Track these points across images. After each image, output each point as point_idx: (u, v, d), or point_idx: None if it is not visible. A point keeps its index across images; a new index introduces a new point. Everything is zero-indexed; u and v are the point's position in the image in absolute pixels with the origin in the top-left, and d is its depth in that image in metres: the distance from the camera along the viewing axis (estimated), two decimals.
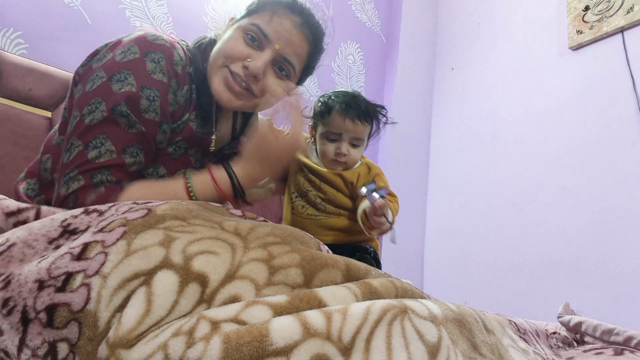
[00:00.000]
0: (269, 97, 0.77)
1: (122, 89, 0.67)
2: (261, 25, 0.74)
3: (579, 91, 1.59)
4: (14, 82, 1.18)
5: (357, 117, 0.95)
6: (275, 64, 0.77)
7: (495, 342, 0.50)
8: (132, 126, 0.68)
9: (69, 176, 0.65)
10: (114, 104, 0.66)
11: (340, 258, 0.45)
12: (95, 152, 0.65)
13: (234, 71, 0.73)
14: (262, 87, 0.76)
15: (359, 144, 0.98)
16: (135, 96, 0.67)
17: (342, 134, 0.96)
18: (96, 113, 0.66)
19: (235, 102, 0.75)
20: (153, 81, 0.69)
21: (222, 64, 0.74)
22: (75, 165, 0.65)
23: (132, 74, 0.68)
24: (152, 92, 0.69)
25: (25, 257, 0.41)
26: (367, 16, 2.25)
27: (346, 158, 0.97)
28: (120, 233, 0.39)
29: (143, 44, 0.70)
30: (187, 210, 0.45)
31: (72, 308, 0.35)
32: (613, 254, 1.35)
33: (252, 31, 0.74)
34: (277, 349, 0.31)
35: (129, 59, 0.69)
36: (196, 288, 0.37)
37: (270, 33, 0.74)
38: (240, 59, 0.73)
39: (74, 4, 1.41)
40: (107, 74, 0.68)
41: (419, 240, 2.08)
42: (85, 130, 0.66)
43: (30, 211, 0.49)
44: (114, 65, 0.69)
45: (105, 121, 0.66)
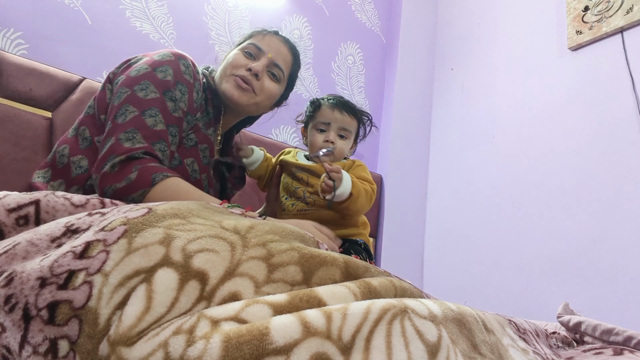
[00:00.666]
0: (266, 96, 0.98)
1: (166, 77, 0.82)
2: (255, 42, 0.97)
3: (578, 91, 1.59)
4: (15, 83, 1.18)
5: (344, 108, 1.05)
6: (269, 70, 0.98)
7: (495, 342, 0.50)
8: (175, 110, 0.82)
9: (132, 134, 0.74)
10: (165, 89, 0.80)
11: (339, 256, 0.45)
12: (151, 120, 0.77)
13: (238, 74, 0.93)
14: (261, 87, 0.96)
15: (346, 136, 1.06)
16: (173, 87, 0.82)
17: (331, 124, 1.04)
18: (148, 91, 0.79)
19: (242, 97, 0.94)
20: (184, 79, 0.85)
21: (229, 73, 0.94)
22: (136, 127, 0.75)
23: (172, 69, 0.83)
24: (183, 88, 0.85)
25: (28, 255, 0.41)
26: (367, 16, 2.26)
27: (333, 147, 1.02)
28: (121, 232, 0.40)
29: (174, 53, 0.87)
30: (187, 209, 0.45)
31: (73, 305, 0.35)
32: (613, 254, 1.35)
33: (249, 48, 0.97)
34: (277, 348, 0.31)
35: (166, 59, 0.84)
36: (196, 285, 0.37)
37: (264, 46, 0.97)
38: (243, 67, 0.94)
39: (74, 4, 1.41)
40: (151, 66, 0.82)
41: (419, 240, 2.08)
42: (139, 100, 0.77)
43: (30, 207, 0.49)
44: (154, 61, 0.83)
45: (158, 100, 0.79)
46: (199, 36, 1.66)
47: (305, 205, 1.01)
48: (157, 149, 0.76)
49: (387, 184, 2.02)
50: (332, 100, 1.06)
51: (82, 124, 0.85)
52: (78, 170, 0.80)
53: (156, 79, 0.80)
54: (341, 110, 1.04)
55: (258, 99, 0.96)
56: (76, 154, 0.81)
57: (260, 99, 0.97)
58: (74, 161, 0.81)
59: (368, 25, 2.25)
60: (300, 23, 1.99)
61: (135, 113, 0.76)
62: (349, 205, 0.94)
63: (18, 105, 1.18)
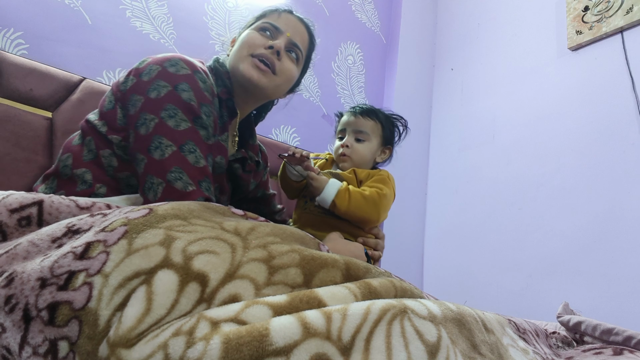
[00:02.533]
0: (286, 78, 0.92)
1: (190, 100, 0.74)
2: (272, 22, 0.91)
3: (578, 91, 1.59)
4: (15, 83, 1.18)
5: (358, 112, 1.05)
6: (288, 50, 0.92)
7: (495, 342, 0.50)
8: (208, 138, 0.76)
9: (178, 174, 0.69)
10: (194, 116, 0.74)
11: (339, 257, 0.45)
12: (192, 156, 0.71)
13: (257, 53, 0.87)
14: (280, 67, 0.90)
15: (364, 139, 1.05)
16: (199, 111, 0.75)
17: (346, 129, 1.06)
18: (177, 119, 0.72)
19: (262, 79, 0.88)
20: (206, 99, 0.78)
21: (246, 53, 0.87)
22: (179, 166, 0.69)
23: (191, 88, 0.75)
24: (207, 109, 0.77)
25: (29, 255, 0.41)
26: (367, 17, 2.26)
27: (349, 150, 1.03)
28: (121, 232, 0.39)
29: (187, 63, 0.78)
30: (188, 210, 0.45)
31: (73, 306, 0.35)
32: (613, 254, 1.35)
33: (266, 27, 0.90)
34: (277, 349, 0.31)
35: (182, 74, 0.75)
36: (196, 287, 0.37)
37: (281, 25, 0.91)
38: (261, 46, 0.88)
39: (74, 4, 1.41)
40: (171, 84, 0.73)
41: (419, 240, 2.08)
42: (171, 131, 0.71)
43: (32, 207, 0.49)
44: (171, 76, 0.74)
45: (191, 131, 0.72)
46: (199, 36, 1.66)
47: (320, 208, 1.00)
48: (204, 188, 0.71)
49: None
50: (352, 108, 1.08)
51: (88, 134, 0.79)
52: (83, 186, 0.75)
53: (181, 102, 0.73)
54: (356, 114, 1.05)
55: (278, 81, 0.91)
56: (80, 166, 0.76)
57: (281, 81, 0.91)
58: (78, 174, 0.76)
59: (368, 25, 2.25)
60: None
61: (173, 149, 0.70)
62: (340, 212, 0.93)
63: (18, 105, 1.18)
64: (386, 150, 1.11)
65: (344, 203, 0.93)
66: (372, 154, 1.07)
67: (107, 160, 0.76)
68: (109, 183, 0.76)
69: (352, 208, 0.93)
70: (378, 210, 0.97)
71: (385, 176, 1.04)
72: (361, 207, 0.94)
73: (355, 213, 0.94)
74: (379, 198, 0.96)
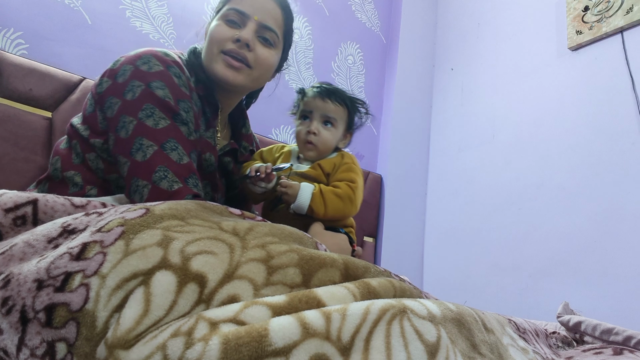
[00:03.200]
0: (263, 68, 0.86)
1: (166, 97, 0.72)
2: (236, 7, 0.82)
3: (578, 91, 1.59)
4: (14, 83, 1.18)
5: (327, 94, 0.98)
6: (259, 35, 0.84)
7: (495, 341, 0.50)
8: (190, 134, 0.74)
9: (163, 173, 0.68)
10: (173, 113, 0.72)
11: (338, 257, 0.45)
12: (175, 154, 0.70)
13: (227, 49, 0.81)
14: (255, 58, 0.83)
15: (331, 124, 0.99)
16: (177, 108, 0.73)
17: (313, 112, 0.98)
18: (156, 118, 0.70)
19: (237, 77, 0.83)
20: (182, 94, 0.75)
21: (216, 50, 0.82)
22: (163, 164, 0.68)
23: (166, 85, 0.73)
24: (185, 105, 0.75)
25: (25, 256, 0.41)
26: (367, 17, 2.26)
27: (317, 138, 0.97)
28: (118, 233, 0.39)
29: (159, 59, 0.75)
30: (185, 209, 0.45)
31: (70, 308, 0.35)
32: (613, 254, 1.35)
33: (230, 15, 0.82)
34: (276, 349, 0.31)
35: (155, 71, 0.73)
36: (194, 288, 0.37)
37: (247, 9, 0.82)
38: (229, 39, 0.81)
39: (74, 4, 1.41)
40: (144, 83, 0.72)
41: (419, 240, 2.08)
42: (152, 131, 0.69)
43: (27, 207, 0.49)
44: (144, 74, 0.73)
45: (171, 128, 0.71)
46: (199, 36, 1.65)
47: None
48: (191, 184, 0.70)
49: (387, 184, 2.02)
50: (317, 88, 1.00)
51: (73, 137, 0.78)
52: (74, 188, 0.75)
53: (157, 100, 0.71)
54: (324, 97, 0.97)
55: (255, 74, 0.85)
56: (69, 168, 0.76)
57: (258, 73, 0.86)
58: (68, 177, 0.75)
59: (368, 25, 2.25)
60: (300, 23, 1.99)
61: (155, 148, 0.69)
62: (318, 216, 0.91)
63: (18, 105, 1.18)
64: (347, 136, 1.05)
65: (321, 208, 0.90)
66: (337, 140, 1.02)
67: (94, 163, 0.76)
68: (100, 185, 0.76)
69: (329, 211, 0.91)
70: (355, 204, 0.95)
71: (351, 162, 1.00)
72: (338, 207, 0.92)
73: (333, 215, 0.92)
74: (353, 192, 0.94)
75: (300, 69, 1.96)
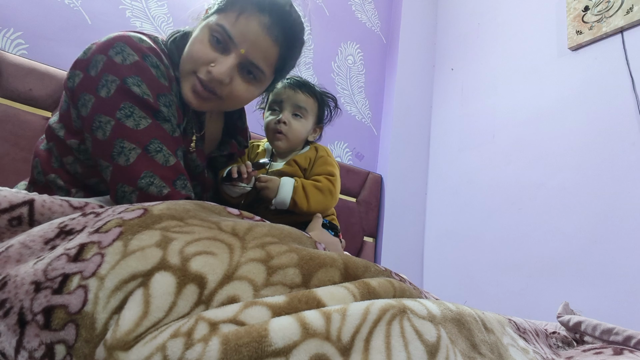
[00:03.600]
0: (236, 102, 0.77)
1: (144, 94, 0.66)
2: (226, 27, 0.70)
3: (578, 91, 1.59)
4: (14, 83, 1.18)
5: (297, 85, 0.97)
6: (242, 68, 0.73)
7: (495, 341, 0.50)
8: (173, 131, 0.69)
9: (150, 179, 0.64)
10: (153, 110, 0.67)
11: (338, 256, 0.45)
12: (160, 155, 0.66)
13: (200, 77, 0.72)
14: (229, 91, 0.74)
15: (302, 115, 0.98)
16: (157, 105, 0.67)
17: (283, 102, 0.97)
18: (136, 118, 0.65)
19: (203, 105, 0.75)
20: (162, 87, 0.69)
21: (190, 69, 0.73)
22: (149, 169, 0.64)
23: (143, 80, 0.67)
24: (166, 99, 0.69)
25: (22, 258, 0.40)
26: (367, 17, 2.25)
27: (287, 128, 0.96)
28: (116, 234, 0.39)
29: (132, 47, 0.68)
30: (184, 210, 0.45)
31: (69, 310, 0.35)
32: (613, 254, 1.35)
33: (218, 32, 0.71)
34: (276, 350, 0.31)
35: (130, 61, 0.66)
36: (194, 289, 0.36)
37: (236, 36, 0.70)
38: (205, 64, 0.71)
39: (74, 4, 1.41)
40: (119, 78, 0.65)
41: (419, 240, 2.08)
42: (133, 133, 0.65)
43: (23, 207, 0.48)
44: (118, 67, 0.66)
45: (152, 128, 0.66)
46: None
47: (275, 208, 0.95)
48: (179, 187, 0.66)
49: (387, 184, 2.02)
50: (286, 79, 0.99)
51: (50, 139, 0.73)
52: (60, 192, 0.71)
53: (136, 98, 0.65)
54: (294, 88, 0.97)
55: (225, 104, 0.77)
56: (49, 172, 0.71)
57: (229, 104, 0.77)
58: (50, 180, 0.71)
59: (368, 25, 2.25)
60: None
61: (138, 152, 0.64)
62: (301, 210, 0.91)
63: (18, 105, 1.18)
64: (317, 130, 1.05)
65: (304, 201, 0.90)
66: (307, 132, 1.00)
67: (72, 167, 0.71)
68: (83, 188, 0.72)
69: (312, 204, 0.91)
70: (335, 196, 0.96)
71: (326, 155, 1.01)
72: (320, 200, 0.92)
73: (316, 208, 0.92)
74: (333, 185, 0.95)
75: (300, 69, 1.96)
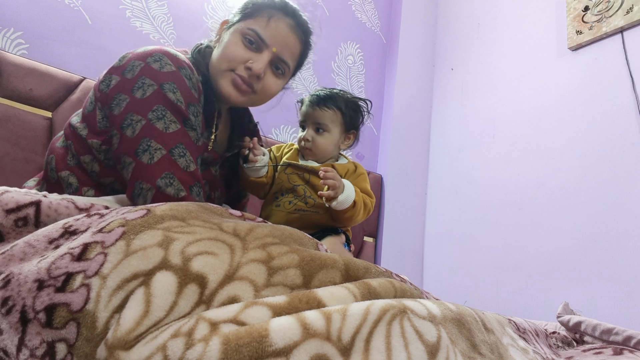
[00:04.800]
0: (266, 95, 0.87)
1: (177, 101, 0.70)
2: (258, 30, 0.81)
3: (578, 91, 1.59)
4: (15, 82, 1.18)
5: (315, 102, 1.02)
6: (272, 64, 0.84)
7: (495, 341, 0.50)
8: (197, 140, 0.73)
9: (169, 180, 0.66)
10: (183, 117, 0.71)
11: (339, 258, 0.45)
12: (182, 160, 0.68)
13: (239, 74, 0.80)
14: (262, 86, 0.84)
15: (324, 129, 1.03)
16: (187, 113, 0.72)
17: (306, 121, 1.04)
18: (166, 121, 0.69)
19: (240, 98, 0.83)
20: (193, 98, 0.74)
21: (226, 67, 0.81)
22: (170, 171, 0.67)
23: (178, 87, 0.71)
24: (195, 109, 0.74)
25: (26, 256, 0.41)
26: (367, 16, 2.25)
27: (310, 144, 1.02)
28: (119, 234, 0.39)
29: (170, 58, 0.73)
30: (186, 210, 0.45)
31: (71, 308, 0.35)
32: (613, 254, 1.35)
33: (251, 35, 0.81)
34: (276, 350, 0.31)
35: (167, 70, 0.71)
36: (195, 289, 0.37)
37: (268, 37, 0.81)
38: (242, 62, 0.80)
39: (74, 4, 1.41)
40: (156, 82, 0.70)
41: (419, 240, 2.08)
42: (161, 134, 0.68)
43: (29, 208, 0.48)
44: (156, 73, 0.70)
45: (180, 133, 0.70)
46: (199, 36, 1.65)
47: (304, 205, 0.98)
48: (195, 193, 0.69)
49: (387, 184, 2.02)
50: (310, 96, 1.05)
51: (69, 137, 0.76)
52: (69, 189, 0.73)
53: (169, 103, 0.69)
54: (313, 106, 1.02)
55: (257, 98, 0.86)
56: (63, 169, 0.74)
57: (260, 98, 0.87)
58: (63, 177, 0.73)
59: (368, 25, 2.25)
60: None
61: (163, 152, 0.67)
62: (352, 216, 0.95)
63: (18, 105, 1.18)
64: (350, 136, 1.09)
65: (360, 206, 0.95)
66: (335, 143, 1.05)
67: (89, 166, 0.74)
68: (95, 187, 0.74)
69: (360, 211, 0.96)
70: (367, 216, 1.01)
71: (365, 174, 1.07)
72: (361, 213, 0.98)
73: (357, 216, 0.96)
74: (371, 207, 1.01)
75: None
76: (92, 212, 0.48)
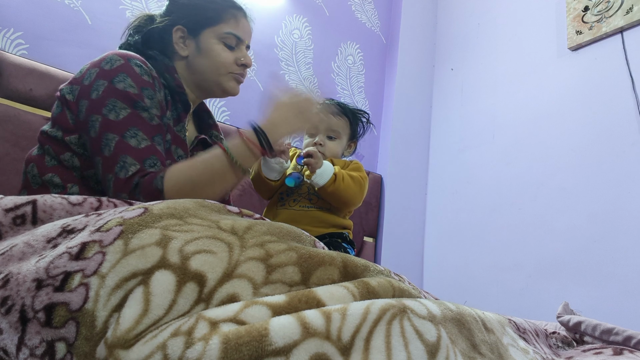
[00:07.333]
0: None
1: (127, 88, 0.77)
2: (234, 32, 0.96)
3: (578, 91, 1.59)
4: (15, 83, 1.18)
5: (329, 110, 1.09)
6: None
7: (495, 341, 0.50)
8: (152, 119, 0.79)
9: (122, 162, 0.72)
10: (133, 101, 0.77)
11: (337, 255, 0.45)
12: (134, 140, 0.74)
13: (236, 73, 0.96)
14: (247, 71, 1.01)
15: (336, 136, 1.10)
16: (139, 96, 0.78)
17: (318, 127, 1.10)
18: (118, 110, 0.75)
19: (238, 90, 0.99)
20: (145, 82, 0.81)
21: (225, 72, 0.95)
22: (123, 153, 0.73)
23: (128, 75, 0.78)
24: (149, 91, 0.80)
25: (25, 256, 0.41)
26: (367, 17, 2.26)
27: (323, 149, 1.07)
28: (117, 232, 0.39)
29: (120, 55, 0.81)
30: (184, 209, 0.45)
31: (70, 307, 0.35)
32: (613, 254, 1.35)
33: (230, 40, 0.95)
34: (276, 349, 0.31)
35: (117, 66, 0.79)
36: (194, 287, 0.37)
37: (242, 35, 0.97)
38: (233, 63, 0.96)
39: (74, 4, 1.41)
40: (107, 80, 0.77)
41: (419, 240, 2.08)
42: (114, 124, 0.74)
43: (27, 206, 0.50)
44: (106, 72, 0.78)
45: (131, 117, 0.76)
46: None
47: (308, 202, 1.04)
48: (148, 165, 0.74)
49: (387, 184, 2.02)
50: (326, 105, 1.11)
51: (45, 143, 0.81)
52: (56, 190, 0.78)
53: (118, 92, 0.76)
54: (326, 113, 1.08)
55: None
56: (46, 172, 0.79)
57: None
58: (47, 180, 0.78)
59: (368, 25, 2.25)
60: (300, 23, 1.99)
61: (117, 139, 0.73)
62: (336, 190, 0.98)
63: (18, 105, 1.18)
64: (352, 145, 1.17)
65: (340, 182, 0.98)
66: (342, 150, 1.14)
67: (69, 162, 0.79)
68: (79, 182, 0.79)
69: (345, 187, 0.99)
70: (362, 192, 1.05)
71: (360, 165, 1.11)
72: (350, 186, 1.01)
73: (346, 193, 1.00)
74: (363, 181, 1.05)
75: (300, 69, 1.96)
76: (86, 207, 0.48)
